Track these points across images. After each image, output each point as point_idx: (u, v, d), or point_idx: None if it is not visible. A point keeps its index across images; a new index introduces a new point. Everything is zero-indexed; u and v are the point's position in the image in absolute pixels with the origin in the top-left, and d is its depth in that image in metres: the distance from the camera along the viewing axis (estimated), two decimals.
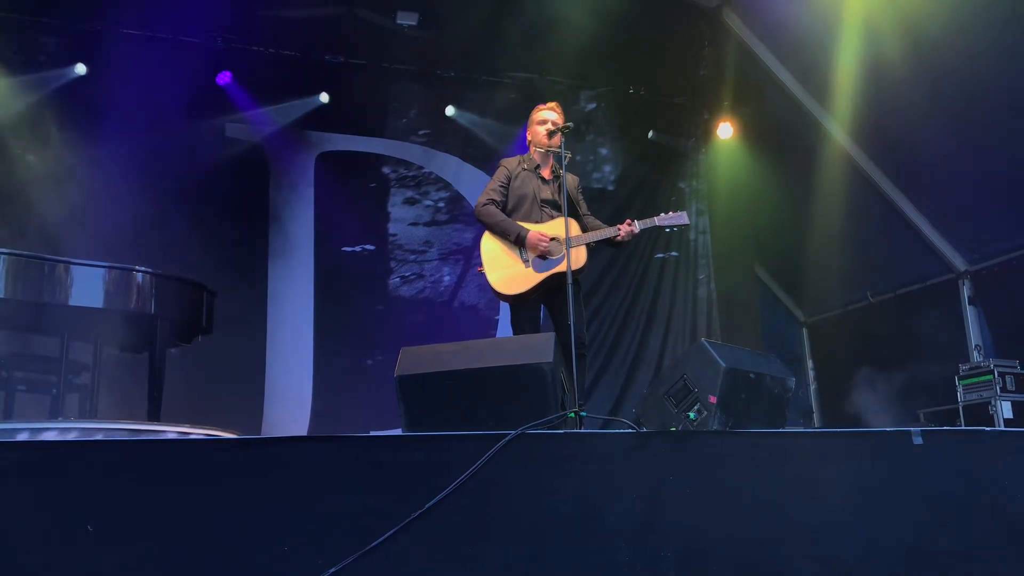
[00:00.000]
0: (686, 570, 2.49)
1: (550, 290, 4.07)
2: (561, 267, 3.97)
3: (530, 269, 4.03)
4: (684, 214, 4.18)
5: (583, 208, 4.31)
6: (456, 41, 7.33)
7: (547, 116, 4.26)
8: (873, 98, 6.68)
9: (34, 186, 6.16)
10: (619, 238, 4.09)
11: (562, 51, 7.21)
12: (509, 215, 4.18)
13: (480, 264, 4.13)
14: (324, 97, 7.29)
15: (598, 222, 4.30)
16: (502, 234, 4.08)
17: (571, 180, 4.29)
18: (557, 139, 4.11)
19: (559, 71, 7.76)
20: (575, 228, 4.06)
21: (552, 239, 4.05)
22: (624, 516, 2.52)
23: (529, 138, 4.34)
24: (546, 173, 4.27)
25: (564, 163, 4.04)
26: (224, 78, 7.00)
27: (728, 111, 7.80)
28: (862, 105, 6.80)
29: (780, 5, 6.95)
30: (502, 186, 4.20)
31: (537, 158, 4.28)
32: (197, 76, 6.81)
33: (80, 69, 6.58)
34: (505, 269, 4.06)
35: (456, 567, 2.38)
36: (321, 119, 7.39)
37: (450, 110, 7.65)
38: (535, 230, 4.08)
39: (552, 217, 4.17)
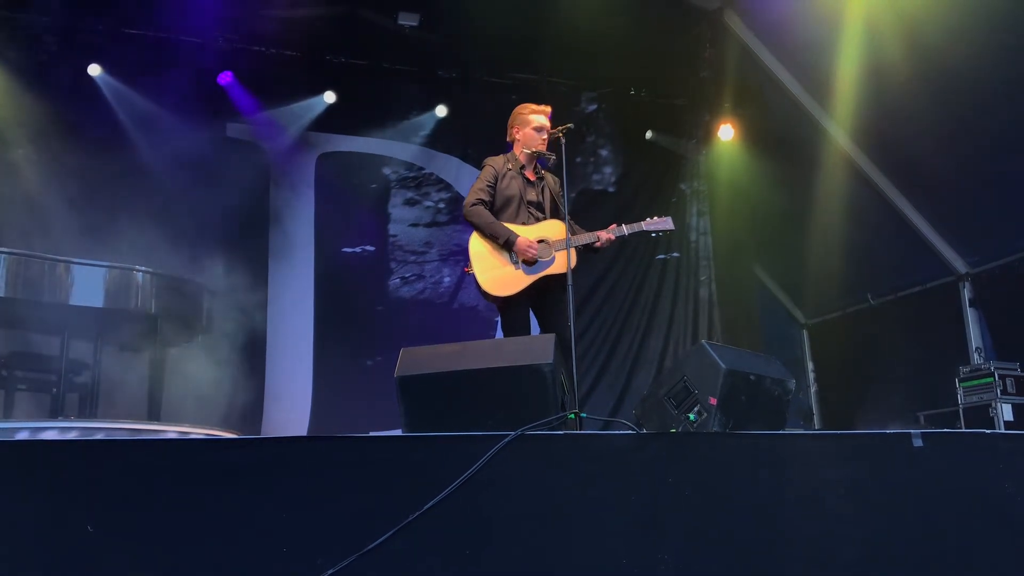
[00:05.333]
0: (685, 572, 2.49)
1: (539, 292, 4.05)
2: (551, 269, 3.98)
3: (520, 271, 4.00)
4: (669, 219, 4.23)
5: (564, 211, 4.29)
6: (457, 42, 7.34)
7: (543, 123, 4.22)
8: (874, 100, 6.67)
9: (35, 185, 6.17)
10: (597, 244, 4.09)
11: (563, 52, 7.22)
12: (495, 216, 4.13)
13: (468, 264, 4.08)
14: (330, 97, 7.28)
15: (578, 227, 4.28)
16: (491, 236, 4.03)
17: (553, 181, 4.29)
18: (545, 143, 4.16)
19: (560, 72, 7.76)
20: (565, 230, 4.04)
21: (540, 242, 4.03)
22: (623, 518, 2.52)
23: (518, 139, 4.26)
24: (530, 175, 4.26)
25: (564, 166, 4.01)
26: (225, 78, 7.00)
27: (729, 113, 7.79)
28: (863, 107, 6.79)
29: (781, 7, 6.94)
30: (489, 186, 4.14)
31: (523, 159, 4.24)
32: (198, 76, 6.81)
33: (94, 70, 6.60)
34: (494, 270, 4.01)
35: (455, 568, 2.38)
36: (322, 119, 7.39)
37: (442, 111, 7.65)
38: (524, 233, 4.05)
39: (537, 219, 4.16)
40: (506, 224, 4.08)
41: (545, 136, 4.17)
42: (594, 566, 2.45)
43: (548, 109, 4.28)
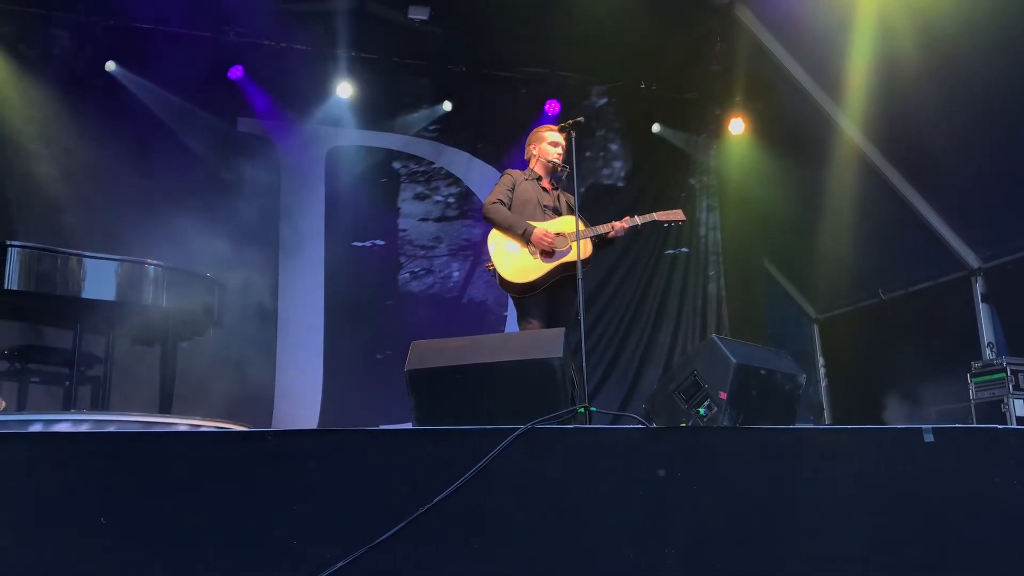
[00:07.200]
0: (691, 567, 2.49)
1: (552, 286, 4.19)
2: (568, 258, 4.11)
3: (538, 260, 4.16)
4: (680, 211, 4.44)
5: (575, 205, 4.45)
6: (467, 35, 7.33)
7: (558, 139, 4.49)
8: (886, 94, 6.63)
9: (47, 180, 6.21)
10: (611, 235, 4.28)
11: (573, 46, 7.21)
12: None
13: (489, 261, 4.23)
14: (343, 91, 7.27)
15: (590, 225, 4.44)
16: (509, 229, 4.22)
17: (568, 200, 4.48)
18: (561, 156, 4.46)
19: (570, 66, 7.75)
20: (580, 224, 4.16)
21: (557, 235, 4.19)
22: (631, 512, 2.52)
23: (535, 154, 4.53)
24: (547, 184, 4.52)
25: (574, 159, 4.16)
26: (236, 72, 7.03)
27: (740, 107, 7.76)
28: (875, 101, 6.75)
29: (792, 1, 6.91)
30: (508, 191, 4.41)
31: (539, 170, 4.52)
32: (209, 70, 6.83)
33: (110, 66, 6.64)
34: (515, 261, 4.18)
35: (464, 561, 2.39)
36: (332, 114, 7.41)
37: (452, 105, 7.65)
38: (541, 227, 4.21)
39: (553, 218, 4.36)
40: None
41: (560, 151, 4.46)
42: (601, 560, 2.46)
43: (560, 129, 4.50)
